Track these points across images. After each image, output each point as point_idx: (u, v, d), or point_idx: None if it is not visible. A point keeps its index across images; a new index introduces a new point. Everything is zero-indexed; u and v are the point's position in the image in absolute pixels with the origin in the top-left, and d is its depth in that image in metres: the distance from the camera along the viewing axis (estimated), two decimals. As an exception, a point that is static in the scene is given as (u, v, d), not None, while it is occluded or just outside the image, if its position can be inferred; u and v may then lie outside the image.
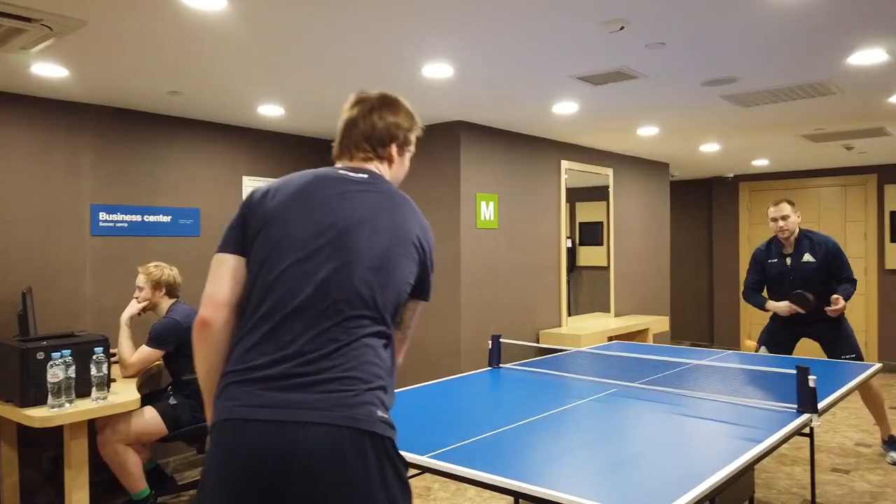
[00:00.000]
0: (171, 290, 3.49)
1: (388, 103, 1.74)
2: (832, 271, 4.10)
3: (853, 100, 4.01)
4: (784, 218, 4.10)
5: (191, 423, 3.39)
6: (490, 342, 3.38)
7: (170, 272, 3.47)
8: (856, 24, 2.63)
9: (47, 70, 3.11)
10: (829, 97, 3.92)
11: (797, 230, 4.17)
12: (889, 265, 7.20)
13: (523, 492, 1.69)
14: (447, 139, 4.57)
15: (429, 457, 1.92)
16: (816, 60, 3.15)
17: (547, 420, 2.33)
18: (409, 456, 1.95)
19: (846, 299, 4.02)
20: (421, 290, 1.63)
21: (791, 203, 4.14)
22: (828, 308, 4.02)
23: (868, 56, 3.06)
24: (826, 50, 2.98)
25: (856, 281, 4.10)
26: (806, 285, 4.10)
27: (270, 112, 4.14)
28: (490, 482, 1.76)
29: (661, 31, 2.70)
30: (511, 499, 3.47)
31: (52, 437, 3.54)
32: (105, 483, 3.68)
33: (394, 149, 1.72)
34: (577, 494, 1.62)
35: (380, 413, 1.38)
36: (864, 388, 4.16)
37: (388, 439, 1.38)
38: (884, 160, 7.01)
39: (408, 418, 2.37)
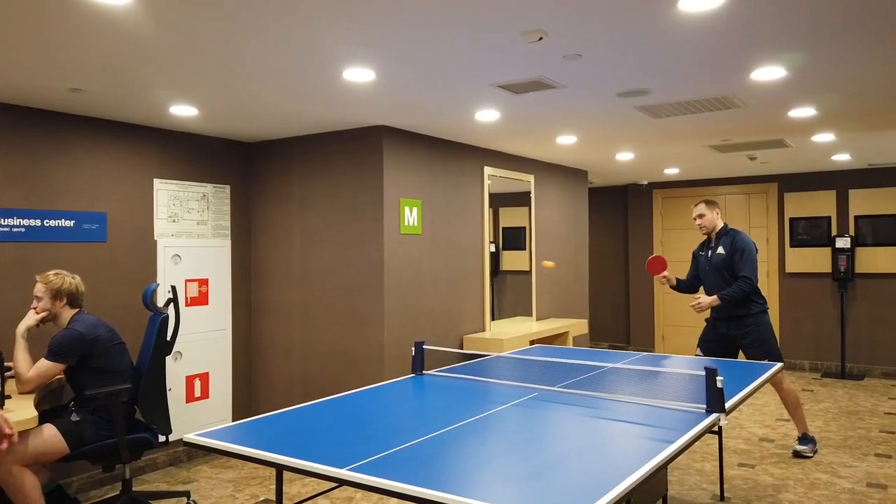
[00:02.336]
0: (74, 299, 3.28)
1: None
2: (733, 266, 4.36)
3: (756, 113, 4.25)
4: (700, 216, 4.55)
5: (95, 441, 3.19)
6: (413, 349, 3.36)
7: (71, 280, 3.27)
8: (755, 42, 2.79)
9: (-69, 62, 2.86)
10: (734, 110, 4.13)
11: (718, 226, 4.53)
12: (789, 269, 7.68)
13: (446, 502, 1.68)
14: (370, 144, 4.52)
15: (348, 469, 1.88)
16: (722, 76, 3.32)
17: (469, 427, 2.33)
18: (328, 469, 1.90)
19: (723, 301, 4.24)
20: None
21: (706, 202, 4.54)
22: (691, 304, 4.36)
23: (768, 73, 3.25)
24: (730, 66, 3.14)
25: (746, 279, 4.25)
26: (717, 276, 4.38)
27: (183, 112, 3.97)
28: (411, 493, 1.73)
29: (578, 43, 2.77)
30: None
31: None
32: (-2, 508, 3.41)
33: None
34: (496, 502, 1.62)
35: None
36: (778, 388, 4.40)
37: None
38: (784, 170, 7.48)
39: (328, 429, 2.31)
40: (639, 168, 7.12)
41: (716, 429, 4.09)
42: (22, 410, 2.77)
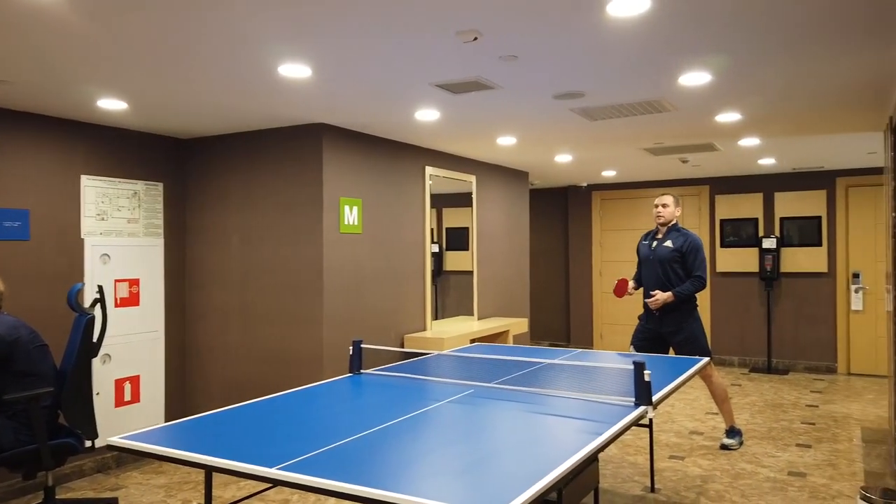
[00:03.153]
0: (-8, 299, 3.13)
1: None
2: (685, 263, 4.49)
3: (686, 117, 4.41)
4: (664, 206, 4.63)
5: (14, 447, 3.05)
6: (351, 348, 3.35)
7: (-10, 280, 3.11)
8: (681, 47, 2.90)
9: None
10: (665, 114, 4.28)
11: (673, 222, 4.64)
12: (720, 268, 7.99)
13: (380, 499, 1.68)
14: (309, 142, 4.47)
15: (279, 468, 1.86)
16: (652, 80, 3.43)
17: (405, 424, 2.34)
18: (257, 469, 1.87)
19: (679, 296, 4.41)
20: None
21: (674, 196, 4.68)
22: (647, 300, 4.45)
23: (695, 78, 3.38)
24: (659, 70, 3.26)
25: (700, 278, 4.45)
26: (659, 267, 4.50)
27: (112, 106, 3.84)
28: (345, 491, 1.73)
29: (514, 44, 2.81)
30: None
31: None
32: None
33: None
34: (431, 497, 1.63)
35: None
36: (708, 382, 4.56)
37: None
38: (714, 173, 7.78)
39: (260, 429, 2.28)
40: (578, 170, 7.28)
41: (646, 422, 4.23)
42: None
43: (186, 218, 4.96)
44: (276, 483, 1.86)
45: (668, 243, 4.57)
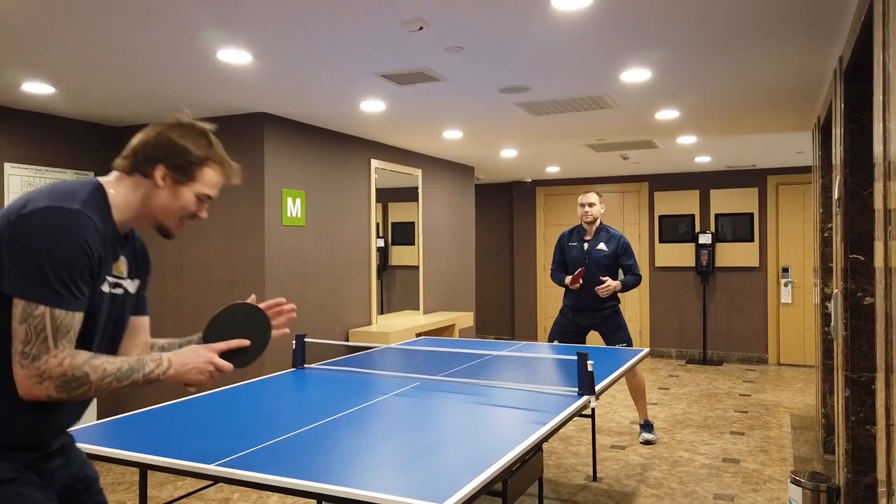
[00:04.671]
0: None
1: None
2: (621, 263, 4.59)
3: (627, 114, 4.50)
4: (590, 204, 4.59)
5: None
6: (294, 342, 3.28)
7: None
8: (623, 42, 2.95)
9: None
10: (607, 110, 4.35)
11: (599, 221, 4.65)
12: (658, 263, 8.21)
13: (321, 492, 1.65)
14: (250, 131, 4.36)
15: (218, 465, 1.80)
16: (594, 75, 3.48)
17: (348, 417, 2.30)
18: (194, 465, 1.81)
19: (624, 287, 4.53)
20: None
21: (599, 194, 4.64)
22: (598, 287, 4.52)
23: (636, 74, 3.45)
24: (601, 66, 3.31)
25: (639, 277, 4.61)
26: (597, 269, 4.58)
27: (36, 90, 3.64)
28: (285, 486, 1.68)
29: (459, 35, 2.80)
30: (314, 501, 3.39)
31: None
32: None
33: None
34: (374, 489, 1.61)
35: None
36: (630, 375, 4.66)
37: None
38: (654, 170, 7.99)
39: (198, 425, 2.20)
40: (522, 165, 7.35)
41: (588, 412, 4.30)
42: None
43: (120, 209, 4.75)
44: (215, 480, 1.80)
45: (602, 246, 4.62)
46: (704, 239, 7.83)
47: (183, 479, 3.87)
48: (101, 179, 1.50)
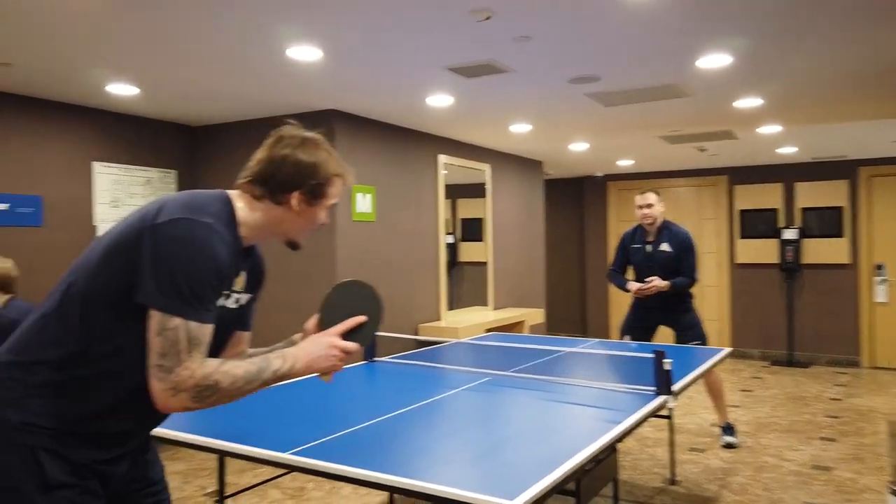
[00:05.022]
0: (5, 285, 3.11)
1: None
2: (679, 262, 4.37)
3: (703, 103, 4.31)
4: (648, 206, 4.36)
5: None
6: (364, 336, 3.30)
7: (3, 265, 3.10)
8: (700, 26, 2.80)
9: None
10: (682, 100, 4.18)
11: (660, 220, 4.42)
12: (738, 259, 7.85)
13: (395, 485, 1.63)
14: (320, 128, 4.40)
15: (291, 453, 1.81)
16: (669, 63, 3.34)
17: (418, 411, 2.29)
18: (269, 453, 1.83)
19: (673, 287, 4.27)
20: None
21: (657, 193, 4.40)
22: (640, 286, 4.30)
23: (714, 60, 3.28)
24: (676, 52, 3.16)
25: (694, 280, 4.32)
26: (662, 272, 4.38)
27: (122, 91, 3.81)
28: (360, 477, 1.67)
29: (527, 24, 2.74)
30: (386, 493, 3.41)
31: None
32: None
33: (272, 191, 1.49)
34: (445, 483, 1.58)
35: None
36: (709, 376, 4.45)
37: None
38: (733, 162, 7.64)
39: (273, 414, 2.24)
40: (593, 159, 7.18)
41: (666, 413, 4.14)
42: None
43: (199, 207, 4.93)
44: (287, 468, 1.82)
45: (665, 246, 4.41)
46: (790, 234, 7.43)
47: (261, 467, 3.97)
48: (230, 193, 1.49)
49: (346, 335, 1.55)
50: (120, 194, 4.38)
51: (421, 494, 1.59)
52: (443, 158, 5.48)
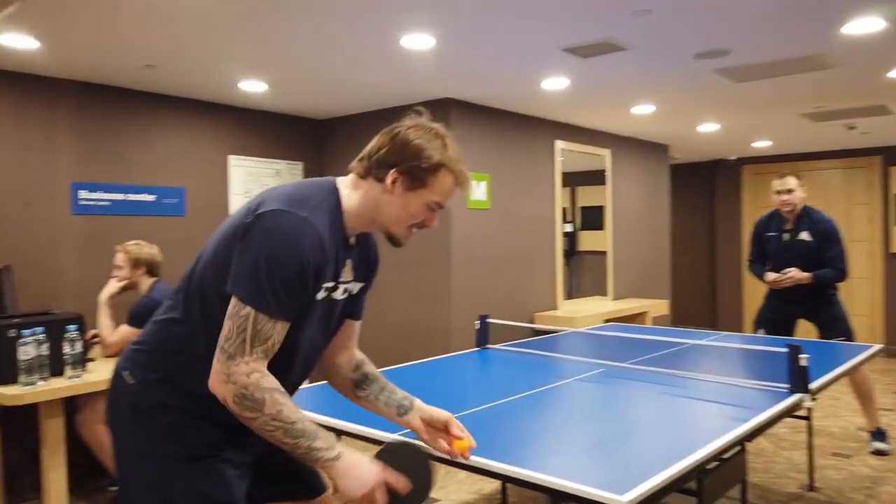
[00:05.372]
0: (151, 268, 3.42)
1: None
2: (822, 254, 3.97)
3: (852, 75, 3.89)
4: (789, 191, 3.98)
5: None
6: (478, 323, 3.30)
7: (149, 250, 3.40)
8: (853, -14, 2.52)
9: (17, 41, 3.03)
10: (826, 72, 3.80)
11: (800, 206, 4.05)
12: (894, 248, 7.07)
13: (507, 474, 1.60)
14: (436, 118, 4.44)
15: (400, 434, 1.84)
16: (810, 30, 3.03)
17: (530, 399, 2.25)
18: (382, 434, 1.87)
19: (815, 280, 3.89)
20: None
21: (797, 177, 4.02)
22: (775, 277, 3.94)
23: (863, 25, 2.94)
24: (817, 18, 2.86)
25: (844, 273, 3.92)
26: (801, 263, 4.01)
27: (253, 88, 4.05)
28: (472, 464, 1.67)
29: (649, -4, 2.59)
30: (498, 481, 3.40)
31: (35, 419, 3.49)
32: (88, 467, 3.63)
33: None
34: (556, 474, 1.53)
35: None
36: (853, 374, 4.02)
37: None
38: (888, 141, 6.87)
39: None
40: (725, 141, 6.73)
41: (804, 413, 3.81)
42: (102, 372, 2.91)
43: (324, 197, 5.16)
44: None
45: (805, 236, 4.00)
46: (957, 220, 6.58)
47: (374, 448, 4.11)
48: (339, 181, 1.46)
49: (389, 493, 1.39)
50: (252, 185, 4.67)
51: (532, 484, 1.55)
52: (560, 144, 5.36)
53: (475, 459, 1.66)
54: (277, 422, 1.29)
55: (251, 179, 4.66)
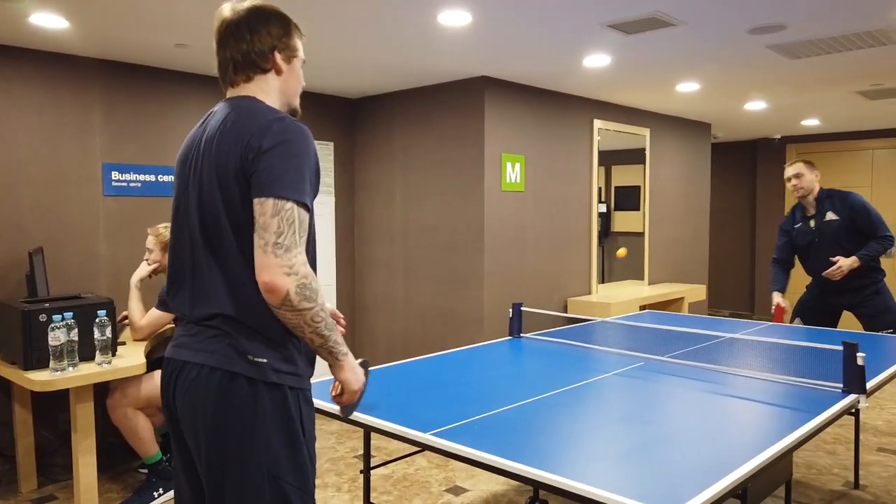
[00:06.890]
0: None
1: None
2: (861, 229, 3.80)
3: (918, 49, 3.64)
4: (797, 176, 3.94)
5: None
6: (511, 310, 3.21)
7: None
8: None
9: (47, 21, 2.98)
10: (889, 47, 3.56)
11: (816, 189, 3.95)
12: (948, 233, 6.74)
13: (539, 479, 1.52)
14: (471, 97, 4.33)
15: (431, 434, 1.77)
16: (873, 3, 2.82)
17: (565, 396, 2.16)
18: (410, 432, 1.81)
19: (863, 260, 3.73)
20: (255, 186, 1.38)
21: (808, 163, 3.98)
22: (826, 272, 3.78)
23: (939, -4, 2.72)
24: (891, -11, 2.66)
25: (889, 238, 3.76)
26: (834, 246, 3.84)
27: (285, 67, 3.96)
28: (503, 467, 1.59)
29: (702, -32, 2.42)
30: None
31: (66, 400, 3.52)
32: (118, 447, 3.66)
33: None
34: (594, 483, 1.45)
35: None
36: None
37: None
38: (947, 120, 6.51)
39: (418, 390, 2.22)
40: (771, 119, 6.45)
41: (853, 410, 3.66)
42: (134, 356, 2.90)
43: (355, 176, 5.08)
44: (427, 449, 1.79)
45: (831, 215, 3.84)
46: None
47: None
48: (249, 97, 1.53)
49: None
50: (282, 165, 4.61)
51: (566, 493, 1.47)
52: (598, 123, 5.18)
53: (506, 463, 1.58)
54: (324, 312, 1.39)
55: (282, 159, 4.60)
